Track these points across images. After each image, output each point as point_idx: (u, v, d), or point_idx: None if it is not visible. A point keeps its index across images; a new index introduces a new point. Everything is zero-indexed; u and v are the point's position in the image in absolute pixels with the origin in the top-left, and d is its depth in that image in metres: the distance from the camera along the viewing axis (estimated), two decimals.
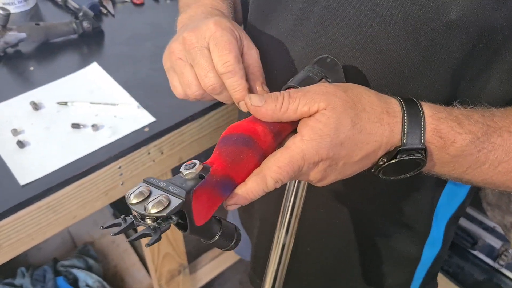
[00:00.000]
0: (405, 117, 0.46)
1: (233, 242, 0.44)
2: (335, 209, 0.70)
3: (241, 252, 1.20)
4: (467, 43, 0.48)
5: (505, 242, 1.42)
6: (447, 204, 0.70)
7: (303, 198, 0.57)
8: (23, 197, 0.79)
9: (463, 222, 1.51)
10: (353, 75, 0.53)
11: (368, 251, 0.76)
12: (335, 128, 0.43)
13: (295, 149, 0.42)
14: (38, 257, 1.62)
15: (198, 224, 0.38)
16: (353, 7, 0.51)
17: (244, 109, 0.48)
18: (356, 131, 0.44)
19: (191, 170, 0.38)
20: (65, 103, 0.95)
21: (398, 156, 0.46)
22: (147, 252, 1.19)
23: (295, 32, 0.57)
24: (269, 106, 0.44)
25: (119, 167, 0.89)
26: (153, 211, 0.35)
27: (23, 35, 1.07)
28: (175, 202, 0.36)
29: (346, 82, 0.50)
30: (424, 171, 0.50)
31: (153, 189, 0.37)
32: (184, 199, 0.36)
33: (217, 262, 1.54)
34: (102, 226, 0.38)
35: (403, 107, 0.46)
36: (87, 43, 1.13)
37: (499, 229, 1.41)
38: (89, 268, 1.44)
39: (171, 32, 0.58)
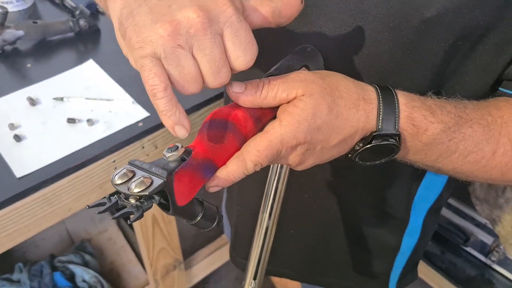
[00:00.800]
0: (381, 104, 0.47)
1: (215, 223, 0.46)
2: (317, 195, 0.72)
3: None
4: (445, 40, 0.50)
5: (497, 238, 1.44)
6: (425, 195, 0.72)
7: (285, 183, 0.59)
8: (19, 189, 0.81)
9: (455, 218, 1.53)
10: (330, 65, 0.54)
11: (348, 238, 0.77)
12: (312, 113, 0.44)
13: (274, 133, 0.44)
14: (36, 254, 1.64)
15: (180, 204, 0.40)
16: (338, 3, 0.52)
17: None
18: (333, 117, 0.45)
19: (173, 153, 0.40)
20: (61, 99, 0.97)
21: (373, 141, 0.47)
22: (142, 247, 1.21)
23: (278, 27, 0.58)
24: (249, 93, 0.45)
25: (113, 161, 0.91)
26: (136, 190, 0.37)
27: (20, 32, 1.09)
28: (157, 182, 0.37)
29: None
30: (398, 158, 0.52)
31: (137, 171, 0.39)
32: (165, 179, 0.37)
33: (212, 259, 1.56)
34: (88, 206, 0.39)
35: (379, 94, 0.48)
36: (83, 41, 1.15)
37: (490, 225, 1.43)
38: (86, 264, 1.46)
39: None
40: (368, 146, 0.48)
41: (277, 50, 0.59)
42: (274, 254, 0.86)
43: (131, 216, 0.37)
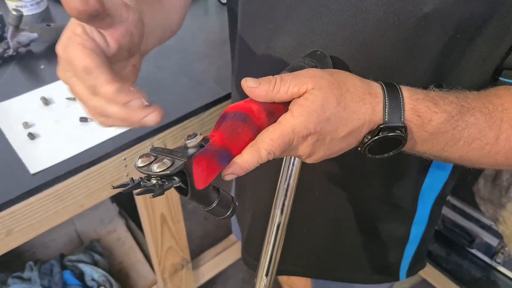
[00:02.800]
0: (386, 98, 0.50)
1: (230, 211, 0.48)
2: (328, 191, 0.74)
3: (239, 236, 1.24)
4: (444, 34, 0.52)
5: (502, 240, 1.45)
6: (432, 185, 0.74)
7: (296, 179, 0.61)
8: (33, 185, 0.83)
9: (461, 220, 1.54)
10: (340, 67, 0.57)
11: (358, 231, 0.79)
12: (322, 105, 0.47)
13: (286, 124, 0.46)
14: (46, 254, 1.66)
15: (198, 188, 0.42)
16: (339, 5, 0.55)
17: None
18: (341, 109, 0.48)
19: (192, 140, 0.43)
20: (74, 99, 1.00)
21: (380, 133, 0.50)
22: (151, 245, 1.23)
23: (284, 29, 0.61)
24: (263, 88, 0.47)
25: (124, 159, 0.93)
26: (158, 170, 0.39)
27: (34, 35, 1.12)
28: (178, 163, 0.40)
29: None
30: (406, 150, 0.54)
31: (159, 155, 0.41)
32: (185, 161, 0.40)
33: (219, 259, 1.58)
34: (112, 186, 0.42)
35: (384, 89, 0.50)
36: None
37: (495, 226, 1.44)
38: (95, 263, 1.48)
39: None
40: (376, 138, 0.50)
41: (285, 54, 0.61)
42: (287, 253, 0.88)
43: (152, 194, 0.39)
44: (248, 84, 0.48)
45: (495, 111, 0.53)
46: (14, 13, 1.08)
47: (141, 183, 0.40)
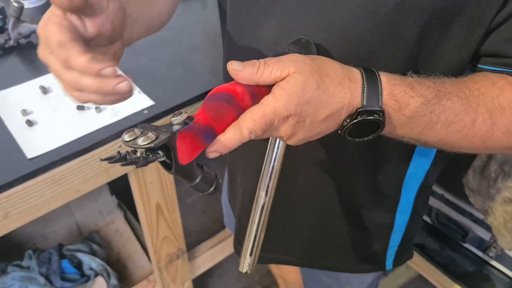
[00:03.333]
0: (364, 83, 0.52)
1: (213, 188, 0.51)
2: (312, 178, 0.76)
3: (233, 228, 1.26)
4: (420, 21, 0.54)
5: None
6: (415, 173, 0.76)
7: (281, 162, 0.63)
8: (29, 169, 0.86)
9: (454, 214, 1.55)
10: (323, 54, 0.59)
11: (344, 219, 0.81)
12: (302, 88, 0.49)
13: (268, 105, 0.49)
14: (46, 245, 1.69)
15: (182, 163, 0.45)
16: None
17: None
18: (321, 92, 0.50)
19: (177, 117, 0.45)
20: None
21: (359, 117, 0.52)
22: (146, 234, 1.25)
23: (267, 17, 0.63)
24: (247, 70, 0.50)
25: (119, 146, 0.96)
26: (142, 143, 0.42)
27: (35, 26, 1.15)
28: (162, 137, 0.42)
29: None
30: (386, 133, 0.56)
31: (146, 131, 0.44)
32: (169, 135, 0.42)
33: (215, 251, 1.60)
34: (100, 158, 0.44)
35: (362, 75, 0.52)
36: None
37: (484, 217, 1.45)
38: (93, 253, 1.51)
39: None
40: (354, 121, 0.52)
41: (270, 43, 0.63)
42: (276, 242, 0.90)
43: (135, 164, 0.42)
44: (233, 67, 0.50)
45: (471, 95, 0.55)
46: (15, 4, 1.10)
47: (127, 156, 0.43)
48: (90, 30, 0.48)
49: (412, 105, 0.53)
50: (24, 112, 0.96)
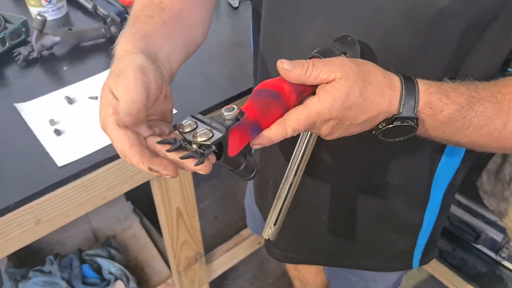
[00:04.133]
0: (403, 92, 0.55)
1: (253, 174, 0.55)
2: (345, 179, 0.79)
3: (258, 230, 1.29)
4: (457, 28, 0.57)
5: (507, 235, 1.48)
6: (444, 172, 0.79)
7: (311, 147, 0.67)
8: (60, 177, 0.89)
9: (466, 216, 1.58)
10: (367, 53, 0.62)
11: (374, 219, 0.84)
12: (346, 94, 0.52)
13: (312, 107, 0.52)
14: (63, 251, 1.72)
15: (231, 155, 0.48)
16: (359, 3, 0.60)
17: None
18: (362, 99, 0.53)
19: (230, 113, 0.48)
20: (96, 98, 1.06)
21: (394, 122, 0.56)
22: (167, 238, 1.28)
23: (308, 27, 0.66)
24: (296, 71, 0.53)
25: None
26: (200, 139, 0.45)
27: (57, 38, 1.19)
28: (217, 134, 0.46)
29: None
30: (418, 135, 0.60)
31: (199, 123, 0.47)
32: (224, 134, 0.46)
33: (231, 254, 1.63)
34: (157, 142, 0.48)
35: (402, 83, 0.56)
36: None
37: (500, 222, 1.48)
38: (112, 258, 1.54)
39: None
40: (389, 126, 0.56)
41: (310, 50, 0.66)
42: (307, 243, 0.93)
43: (196, 162, 0.45)
44: (284, 66, 0.53)
45: (503, 100, 0.58)
46: (38, 17, 1.14)
47: (182, 144, 0.46)
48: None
49: (446, 111, 0.56)
50: (52, 122, 0.99)
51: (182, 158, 0.46)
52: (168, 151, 0.46)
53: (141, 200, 1.84)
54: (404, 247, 0.89)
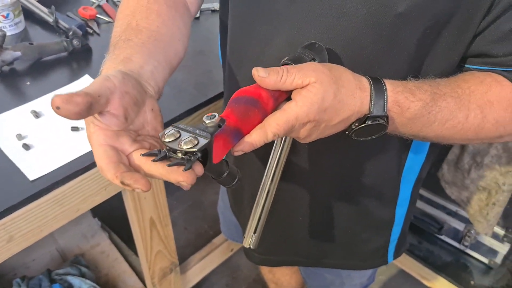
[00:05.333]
0: (372, 92, 0.59)
1: (235, 181, 0.56)
2: (319, 180, 0.82)
3: (232, 236, 1.30)
4: (416, 30, 0.61)
5: (468, 223, 1.56)
6: (411, 168, 0.83)
7: (286, 153, 0.69)
8: (33, 191, 0.87)
9: (429, 209, 1.64)
10: (334, 59, 0.65)
11: (350, 218, 0.87)
12: (322, 98, 0.55)
13: (291, 112, 0.55)
14: (28, 275, 1.66)
15: (215, 162, 0.49)
16: (324, 9, 0.63)
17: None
18: (336, 101, 0.56)
19: (212, 120, 0.49)
20: None
21: (367, 122, 0.59)
22: (140, 249, 1.27)
23: (274, 36, 0.68)
24: (272, 77, 0.55)
25: None
26: (186, 147, 0.46)
27: (18, 53, 1.17)
28: (203, 141, 0.47)
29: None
30: (389, 132, 0.63)
31: (182, 132, 0.48)
32: (210, 140, 0.47)
33: (205, 263, 1.63)
34: (141, 154, 0.48)
35: (371, 85, 0.59)
36: (76, 60, 1.23)
37: (461, 212, 1.55)
38: (82, 276, 1.50)
39: None
40: (362, 125, 0.59)
41: (278, 56, 0.67)
42: (285, 245, 0.95)
43: (184, 167, 0.46)
44: (260, 73, 0.55)
45: (463, 94, 0.63)
46: None
47: (167, 154, 0.47)
48: (119, 115, 0.49)
49: (412, 108, 0.60)
50: (20, 137, 0.98)
51: (169, 165, 0.46)
52: (154, 161, 0.47)
53: (109, 215, 1.81)
54: (379, 243, 0.93)
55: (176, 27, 0.68)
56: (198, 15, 1.46)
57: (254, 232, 0.73)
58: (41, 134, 0.99)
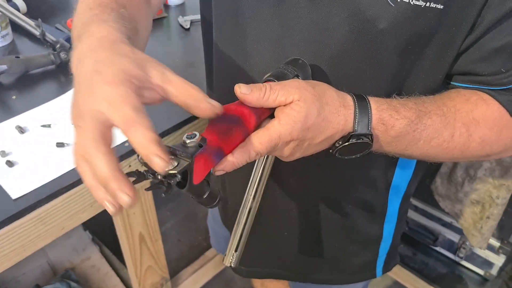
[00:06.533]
0: (357, 110, 0.57)
1: (216, 201, 0.54)
2: (306, 196, 0.80)
3: (222, 250, 1.28)
4: (398, 47, 0.60)
5: (463, 235, 1.54)
6: (398, 185, 0.81)
7: (268, 170, 0.68)
8: (15, 209, 0.85)
9: (424, 220, 1.63)
10: (317, 75, 0.63)
11: (337, 234, 0.85)
12: (305, 116, 0.53)
13: (274, 130, 0.53)
14: None
15: (195, 183, 0.47)
16: (307, 25, 0.62)
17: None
18: (320, 119, 0.55)
19: (192, 140, 0.47)
20: (49, 125, 1.02)
21: (350, 140, 0.57)
22: (130, 265, 1.25)
23: (257, 51, 0.67)
24: (254, 94, 0.53)
25: None
26: (166, 169, 0.43)
27: (4, 67, 1.15)
28: (183, 163, 0.45)
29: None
30: (374, 150, 0.61)
31: None
32: (190, 161, 0.45)
33: (197, 277, 1.60)
34: (126, 173, 0.43)
35: (355, 102, 0.58)
36: (64, 73, 1.22)
37: (456, 224, 1.53)
38: None
39: None
40: (346, 144, 0.58)
41: (261, 71, 0.67)
42: (272, 258, 0.93)
43: (164, 192, 0.44)
44: (242, 90, 0.53)
45: (448, 112, 0.61)
46: None
47: (146, 175, 0.45)
48: None
49: (397, 126, 0.59)
50: (3, 153, 0.95)
51: (147, 189, 0.44)
52: (134, 182, 0.44)
53: (100, 228, 1.78)
54: (368, 258, 0.91)
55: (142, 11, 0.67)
56: (188, 26, 1.45)
57: (236, 250, 0.71)
58: (25, 151, 0.97)
